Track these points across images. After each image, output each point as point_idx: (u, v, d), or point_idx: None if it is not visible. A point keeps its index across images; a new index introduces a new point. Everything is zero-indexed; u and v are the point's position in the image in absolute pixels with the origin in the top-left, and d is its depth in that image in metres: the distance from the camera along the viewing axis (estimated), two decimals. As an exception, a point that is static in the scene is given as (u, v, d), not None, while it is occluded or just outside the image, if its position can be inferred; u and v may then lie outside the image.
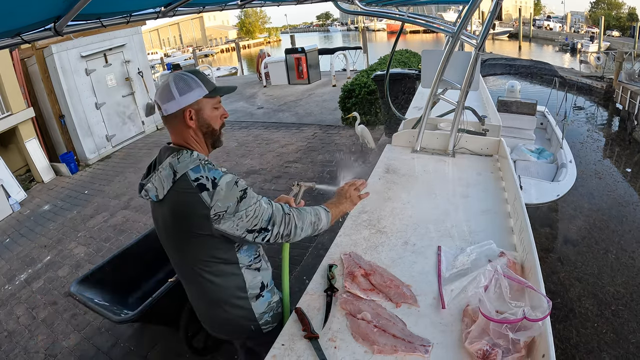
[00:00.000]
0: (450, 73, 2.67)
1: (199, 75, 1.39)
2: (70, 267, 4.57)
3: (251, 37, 61.63)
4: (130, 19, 1.58)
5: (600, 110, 11.51)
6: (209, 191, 1.27)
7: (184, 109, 1.36)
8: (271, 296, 1.61)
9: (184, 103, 1.35)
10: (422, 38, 43.33)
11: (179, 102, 1.35)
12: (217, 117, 1.44)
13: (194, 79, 1.36)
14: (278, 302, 1.63)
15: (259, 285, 1.53)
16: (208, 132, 1.44)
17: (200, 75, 1.39)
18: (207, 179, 1.28)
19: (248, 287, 1.50)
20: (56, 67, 7.71)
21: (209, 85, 1.39)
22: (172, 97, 1.34)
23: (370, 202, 2.21)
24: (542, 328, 1.14)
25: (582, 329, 3.50)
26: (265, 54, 15.25)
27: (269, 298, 1.59)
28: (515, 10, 45.80)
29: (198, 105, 1.38)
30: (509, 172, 2.27)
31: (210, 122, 1.42)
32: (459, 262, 1.59)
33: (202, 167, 1.32)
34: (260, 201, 1.36)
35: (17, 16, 1.08)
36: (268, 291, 1.59)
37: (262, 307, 1.56)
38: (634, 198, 6.03)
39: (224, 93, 1.44)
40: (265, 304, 1.57)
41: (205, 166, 1.33)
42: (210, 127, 1.43)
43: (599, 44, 24.37)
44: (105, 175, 7.63)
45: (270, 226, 1.36)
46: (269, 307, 1.59)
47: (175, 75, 1.37)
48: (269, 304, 1.58)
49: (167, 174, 1.35)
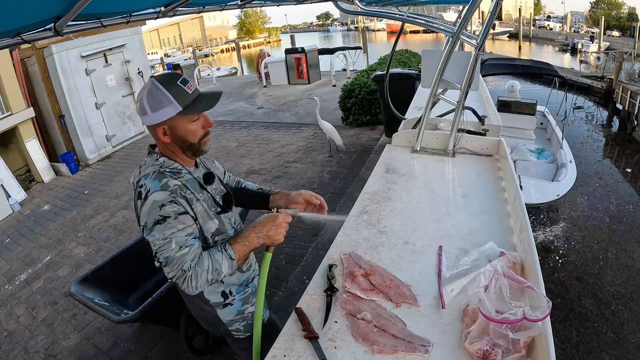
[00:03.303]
0: (450, 73, 2.67)
1: (174, 89, 1.27)
2: (70, 267, 4.57)
3: (251, 37, 61.65)
4: (130, 19, 1.58)
5: (600, 110, 11.52)
6: (140, 200, 1.28)
7: (156, 125, 1.30)
8: (242, 305, 1.58)
9: (157, 120, 1.29)
10: (422, 38, 43.32)
11: (152, 118, 1.29)
12: (195, 130, 1.35)
13: (165, 96, 1.25)
14: None
15: (219, 294, 1.52)
16: (185, 146, 1.37)
17: (175, 90, 1.27)
18: (144, 189, 1.28)
19: (206, 296, 1.49)
20: (56, 67, 7.71)
21: (183, 100, 1.27)
22: (144, 112, 1.29)
23: (370, 202, 2.21)
24: (542, 328, 1.14)
25: (582, 329, 3.50)
26: (265, 54, 15.26)
27: (240, 307, 1.57)
28: (515, 10, 45.80)
29: (172, 122, 1.30)
30: (509, 172, 2.27)
31: (186, 137, 1.34)
32: (459, 263, 1.59)
33: (151, 175, 1.31)
34: (172, 240, 1.25)
35: (17, 16, 1.08)
36: (239, 300, 1.56)
37: (229, 316, 1.55)
38: (634, 198, 6.03)
39: (199, 110, 1.33)
40: (233, 312, 1.55)
41: (156, 174, 1.30)
42: (186, 142, 1.36)
43: (599, 44, 24.35)
44: (105, 175, 7.63)
45: (164, 266, 1.28)
46: (241, 317, 1.58)
47: (148, 90, 1.27)
48: (239, 312, 1.57)
49: (136, 174, 1.38)
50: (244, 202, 1.76)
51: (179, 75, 1.30)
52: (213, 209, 1.43)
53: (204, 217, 1.39)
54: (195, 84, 1.33)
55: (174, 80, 1.27)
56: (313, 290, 1.59)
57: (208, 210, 1.40)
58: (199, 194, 1.39)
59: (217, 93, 1.36)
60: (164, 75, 1.29)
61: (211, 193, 1.45)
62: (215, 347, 3.00)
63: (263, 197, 1.74)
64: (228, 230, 1.49)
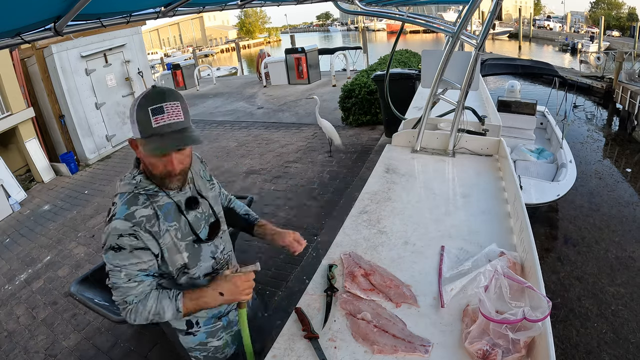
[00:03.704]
0: (450, 73, 2.67)
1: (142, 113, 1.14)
2: (70, 267, 4.57)
3: (251, 37, 61.66)
4: (130, 19, 1.57)
5: (600, 110, 11.52)
6: (107, 217, 1.24)
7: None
8: (206, 337, 1.49)
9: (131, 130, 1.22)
10: (422, 38, 43.32)
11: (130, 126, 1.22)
12: (154, 163, 1.22)
13: (133, 114, 1.16)
14: (220, 349, 1.53)
15: (183, 321, 1.45)
16: (148, 170, 1.26)
17: (142, 114, 1.14)
18: (114, 208, 1.23)
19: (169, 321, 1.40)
20: (56, 67, 7.71)
21: (144, 129, 1.15)
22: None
23: (370, 202, 2.22)
24: (542, 328, 1.14)
25: (582, 329, 3.50)
26: (265, 54, 15.25)
27: (203, 339, 1.49)
28: (515, 10, 45.79)
29: (138, 142, 1.21)
30: (509, 172, 2.27)
31: (146, 162, 1.24)
32: (460, 263, 1.60)
33: (125, 196, 1.24)
34: (122, 271, 1.21)
35: (17, 16, 1.08)
36: (205, 332, 1.48)
37: (190, 344, 1.50)
38: (634, 198, 6.03)
39: (148, 150, 1.17)
40: (195, 342, 1.49)
41: (128, 198, 1.24)
42: (148, 168, 1.25)
43: (599, 44, 24.34)
44: (105, 175, 7.63)
45: (112, 289, 1.27)
46: (203, 348, 1.50)
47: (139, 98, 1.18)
48: (201, 344, 1.49)
49: (116, 186, 1.32)
50: (232, 222, 1.68)
51: (160, 101, 1.15)
52: (189, 238, 1.33)
53: (171, 251, 1.29)
54: (170, 119, 1.15)
55: (149, 104, 1.14)
56: (313, 290, 1.59)
57: (178, 242, 1.30)
58: (171, 222, 1.28)
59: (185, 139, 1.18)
60: (153, 93, 1.16)
61: (190, 220, 1.34)
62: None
63: (248, 224, 1.69)
64: (202, 263, 1.38)
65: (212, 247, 1.42)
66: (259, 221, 1.70)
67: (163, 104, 1.14)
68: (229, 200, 1.73)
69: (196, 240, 1.35)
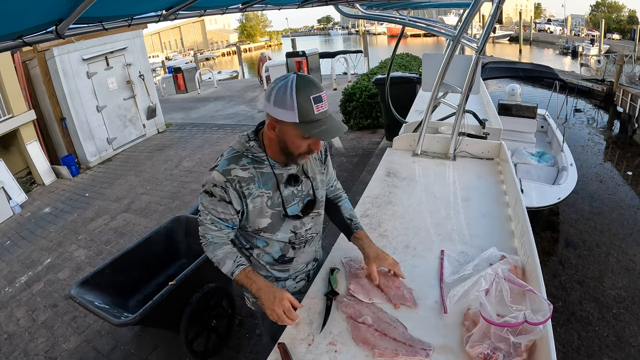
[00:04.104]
0: (451, 76, 2.67)
1: (304, 101, 1.21)
2: (70, 270, 4.57)
3: (252, 40, 61.83)
4: (131, 22, 1.58)
5: (600, 113, 11.52)
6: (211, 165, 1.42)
7: (272, 117, 1.29)
8: None
9: (274, 114, 1.27)
10: (423, 42, 43.41)
11: (271, 110, 1.27)
12: (300, 145, 1.32)
13: (292, 102, 1.21)
14: None
15: None
16: (283, 148, 1.35)
17: (304, 102, 1.21)
18: (218, 159, 1.41)
19: None
20: (57, 69, 7.74)
21: (304, 116, 1.22)
22: (269, 100, 1.27)
23: (371, 205, 2.21)
24: (543, 332, 1.14)
25: (584, 333, 3.49)
26: (267, 57, 15.30)
27: None
28: (515, 14, 45.91)
29: (284, 125, 1.28)
30: (509, 175, 2.27)
31: (288, 144, 1.33)
32: (461, 267, 1.59)
33: (231, 152, 1.41)
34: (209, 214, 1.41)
35: (19, 19, 1.08)
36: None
37: None
38: (635, 201, 6.02)
39: (312, 135, 1.25)
40: None
41: (234, 156, 1.39)
42: (287, 148, 1.34)
43: (599, 47, 24.37)
44: (106, 178, 7.64)
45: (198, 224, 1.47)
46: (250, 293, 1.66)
47: (284, 85, 1.23)
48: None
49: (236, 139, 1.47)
50: (334, 220, 1.75)
51: (318, 90, 1.23)
52: (278, 209, 1.44)
53: (257, 213, 1.42)
54: (325, 107, 1.25)
55: (309, 93, 1.21)
56: (314, 293, 1.58)
57: (266, 208, 1.42)
58: (267, 190, 1.41)
59: (340, 127, 1.29)
60: (306, 81, 1.23)
61: (284, 194, 1.44)
62: (215, 350, 3.00)
63: (347, 229, 1.69)
64: (280, 233, 1.48)
65: (298, 222, 1.51)
66: (357, 232, 1.66)
67: (321, 93, 1.24)
68: (338, 197, 1.78)
69: (283, 214, 1.46)
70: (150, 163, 7.94)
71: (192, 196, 6.04)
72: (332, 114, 1.32)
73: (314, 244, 1.66)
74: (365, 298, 1.50)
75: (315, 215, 1.57)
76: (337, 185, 1.77)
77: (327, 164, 1.65)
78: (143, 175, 7.33)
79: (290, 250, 1.55)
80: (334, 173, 1.75)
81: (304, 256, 1.61)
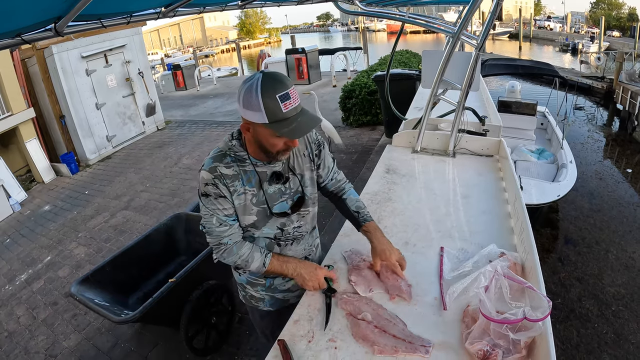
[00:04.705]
0: (451, 73, 2.67)
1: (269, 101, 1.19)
2: (70, 268, 4.58)
3: (251, 37, 61.68)
4: (130, 20, 1.57)
5: (600, 110, 11.51)
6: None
7: (244, 119, 1.30)
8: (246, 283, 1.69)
9: (245, 116, 1.27)
10: (423, 38, 43.34)
11: (242, 112, 1.27)
12: (275, 144, 1.32)
13: (258, 103, 1.20)
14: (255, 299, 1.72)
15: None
16: (261, 147, 1.35)
17: (270, 102, 1.19)
18: (205, 160, 1.42)
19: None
20: (57, 67, 7.72)
21: (272, 116, 1.21)
22: (239, 102, 1.27)
23: (370, 202, 2.21)
24: (543, 328, 1.14)
25: (583, 330, 3.50)
26: (266, 54, 15.31)
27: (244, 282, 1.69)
28: (515, 11, 45.79)
29: (256, 126, 1.28)
30: (509, 172, 2.27)
31: (264, 144, 1.33)
32: (460, 264, 1.59)
33: (216, 151, 1.42)
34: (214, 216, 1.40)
35: (18, 17, 1.08)
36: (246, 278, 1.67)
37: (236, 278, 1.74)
38: (635, 199, 6.02)
39: (283, 134, 1.24)
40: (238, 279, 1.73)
41: (218, 155, 1.40)
42: (264, 147, 1.34)
43: (599, 44, 24.34)
44: (106, 176, 7.63)
45: (206, 234, 1.46)
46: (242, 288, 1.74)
47: (249, 87, 1.22)
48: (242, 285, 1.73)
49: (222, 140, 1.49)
50: (342, 212, 1.76)
51: (284, 87, 1.21)
52: (263, 207, 1.45)
53: (243, 210, 1.44)
54: (295, 103, 1.23)
55: (274, 92, 1.20)
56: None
57: (251, 205, 1.43)
58: (251, 187, 1.42)
59: (311, 122, 1.27)
60: (271, 80, 1.21)
61: (268, 192, 1.44)
62: (215, 347, 3.00)
63: (355, 222, 1.69)
64: (266, 229, 1.49)
65: (285, 219, 1.52)
66: (365, 225, 1.65)
67: (288, 90, 1.22)
68: (340, 189, 1.73)
69: (269, 212, 1.47)
70: (149, 160, 7.93)
71: (192, 193, 6.04)
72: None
73: (304, 243, 1.64)
74: (365, 290, 1.52)
75: (305, 214, 1.57)
76: (338, 177, 1.72)
77: (323, 158, 1.62)
78: (142, 173, 7.32)
79: (275, 246, 1.55)
80: (334, 165, 1.71)
81: (291, 254, 1.59)
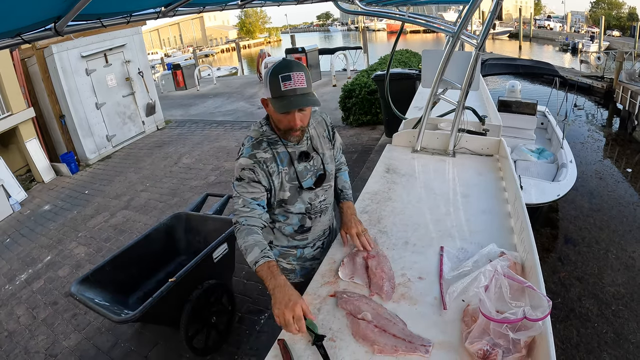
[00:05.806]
0: (451, 73, 2.66)
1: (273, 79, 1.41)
2: (70, 267, 4.58)
3: (251, 37, 61.64)
4: (130, 19, 1.57)
5: (600, 110, 11.51)
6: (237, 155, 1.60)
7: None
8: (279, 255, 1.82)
9: (264, 91, 1.49)
10: (423, 38, 43.30)
11: (264, 88, 1.50)
12: (279, 119, 1.50)
13: (266, 80, 1.44)
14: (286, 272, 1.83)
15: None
16: (274, 123, 1.56)
17: (273, 80, 1.41)
18: (242, 148, 1.59)
19: None
20: (56, 67, 7.71)
21: (274, 92, 1.43)
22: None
23: (370, 202, 2.21)
24: (543, 328, 1.14)
25: (583, 329, 3.50)
26: (266, 53, 15.28)
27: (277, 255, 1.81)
28: (515, 10, 45.75)
29: (268, 100, 1.49)
30: (509, 172, 2.27)
31: (274, 119, 1.54)
32: (460, 264, 1.59)
33: (251, 139, 1.58)
34: (240, 197, 1.54)
35: (17, 16, 1.08)
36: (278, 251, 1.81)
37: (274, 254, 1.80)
38: (635, 198, 6.02)
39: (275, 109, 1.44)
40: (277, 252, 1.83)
41: (255, 142, 1.57)
42: (275, 123, 1.55)
43: (599, 43, 24.33)
44: (106, 175, 7.63)
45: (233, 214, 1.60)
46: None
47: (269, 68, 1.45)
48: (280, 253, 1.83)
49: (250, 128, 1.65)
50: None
51: (288, 70, 1.40)
52: (294, 183, 1.62)
53: (279, 188, 1.60)
54: (295, 85, 1.40)
55: (279, 72, 1.41)
56: (313, 290, 1.59)
57: (285, 183, 1.60)
58: (284, 167, 1.59)
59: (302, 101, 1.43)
60: (283, 64, 1.43)
61: (298, 169, 1.62)
62: (215, 347, 3.00)
63: (337, 198, 1.90)
64: (298, 204, 1.66)
65: (312, 194, 1.69)
66: (342, 203, 1.87)
67: (291, 72, 1.40)
68: (337, 169, 1.92)
69: (299, 187, 1.63)
70: (149, 160, 7.93)
71: (192, 193, 6.04)
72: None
73: (328, 214, 1.83)
74: (346, 275, 1.61)
75: (328, 187, 1.75)
76: (341, 159, 1.94)
77: (335, 139, 1.82)
78: (142, 172, 7.32)
79: (307, 220, 1.73)
80: (341, 147, 1.91)
81: (320, 225, 1.79)
